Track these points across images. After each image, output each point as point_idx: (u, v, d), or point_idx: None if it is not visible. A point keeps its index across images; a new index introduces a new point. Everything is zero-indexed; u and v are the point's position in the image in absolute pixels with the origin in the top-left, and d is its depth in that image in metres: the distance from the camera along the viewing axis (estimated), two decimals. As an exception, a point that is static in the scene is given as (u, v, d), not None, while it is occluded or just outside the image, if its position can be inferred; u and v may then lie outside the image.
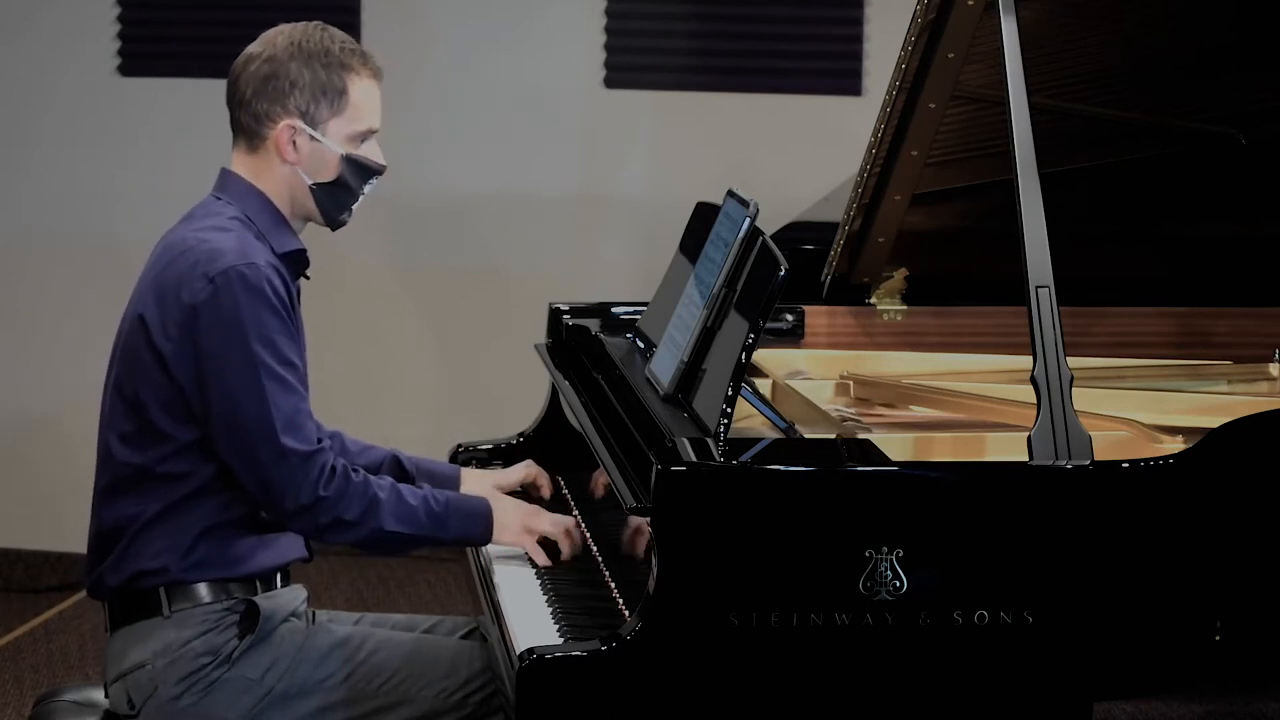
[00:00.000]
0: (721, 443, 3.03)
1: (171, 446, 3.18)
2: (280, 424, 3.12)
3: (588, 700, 2.89)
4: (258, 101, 3.23)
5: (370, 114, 3.28)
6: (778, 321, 4.00)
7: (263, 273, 3.14)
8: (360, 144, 3.28)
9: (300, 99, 3.22)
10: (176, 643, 3.18)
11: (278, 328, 3.15)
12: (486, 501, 3.32)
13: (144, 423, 3.19)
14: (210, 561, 3.20)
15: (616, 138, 5.78)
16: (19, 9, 5.79)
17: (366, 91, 3.27)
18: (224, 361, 3.12)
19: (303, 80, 3.22)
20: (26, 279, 5.88)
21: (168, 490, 3.18)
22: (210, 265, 3.14)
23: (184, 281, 3.15)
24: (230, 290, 3.12)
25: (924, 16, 3.58)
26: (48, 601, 5.60)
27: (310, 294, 5.65)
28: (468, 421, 5.33)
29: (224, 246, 3.16)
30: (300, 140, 3.23)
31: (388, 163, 3.35)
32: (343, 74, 3.24)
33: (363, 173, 3.29)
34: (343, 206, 3.30)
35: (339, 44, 3.26)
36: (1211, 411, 3.47)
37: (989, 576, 2.96)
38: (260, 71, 3.22)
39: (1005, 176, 3.24)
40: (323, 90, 3.23)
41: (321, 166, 3.26)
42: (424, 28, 5.76)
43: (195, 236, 3.20)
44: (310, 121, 3.23)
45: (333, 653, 3.25)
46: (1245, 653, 3.08)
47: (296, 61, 3.22)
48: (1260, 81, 3.91)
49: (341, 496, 3.16)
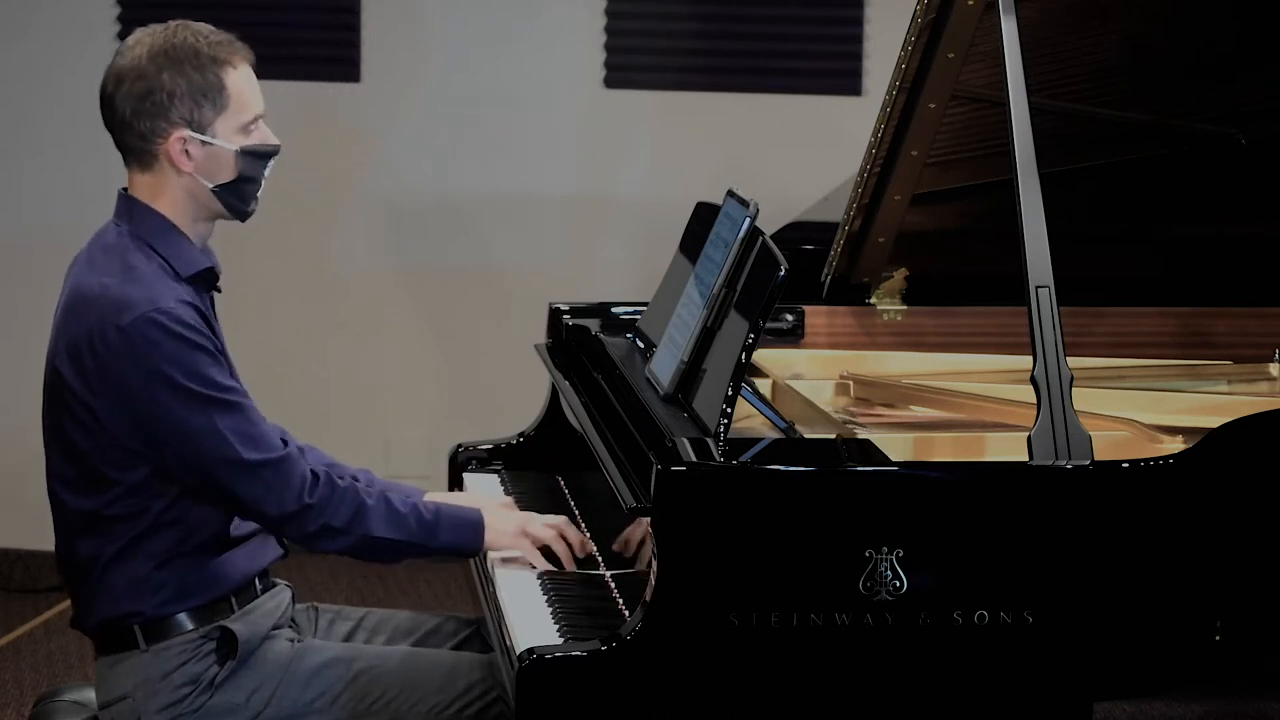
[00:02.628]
0: (721, 443, 3.03)
1: (118, 490, 3.12)
2: (240, 444, 3.07)
3: (588, 700, 2.89)
4: (139, 121, 3.12)
5: (253, 100, 3.17)
6: (778, 321, 4.00)
7: (173, 313, 3.06)
8: (250, 132, 3.17)
9: (182, 108, 3.11)
10: (156, 675, 3.14)
11: (204, 360, 3.07)
12: (478, 510, 3.29)
13: (85, 469, 3.13)
14: (180, 593, 3.15)
15: (616, 138, 5.78)
16: (19, 9, 5.79)
17: (243, 79, 3.16)
18: (163, 409, 3.05)
19: (179, 88, 3.11)
20: (26, 279, 5.88)
21: (123, 529, 3.13)
22: (119, 316, 3.06)
23: (95, 335, 3.07)
24: (145, 337, 3.04)
25: (924, 16, 3.58)
26: (48, 601, 5.59)
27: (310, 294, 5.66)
28: (468, 422, 5.33)
29: (129, 295, 3.07)
30: (192, 148, 3.13)
31: (388, 161, 3.33)
32: (217, 70, 3.13)
33: (261, 159, 3.19)
34: (248, 198, 3.20)
35: (204, 40, 3.14)
36: (1211, 411, 3.46)
37: (989, 576, 2.96)
38: (134, 90, 3.11)
39: (1005, 176, 3.24)
40: (202, 92, 3.12)
41: (219, 168, 3.16)
42: (424, 28, 5.75)
43: (100, 284, 3.11)
44: (198, 128, 3.12)
45: (322, 672, 3.21)
46: (1245, 653, 3.08)
47: (168, 72, 3.11)
48: (1260, 81, 3.91)
49: (328, 503, 3.13)
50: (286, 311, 5.77)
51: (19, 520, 5.86)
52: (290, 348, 5.79)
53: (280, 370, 5.69)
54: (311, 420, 5.51)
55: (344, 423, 5.80)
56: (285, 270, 5.71)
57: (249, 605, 3.22)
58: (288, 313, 5.78)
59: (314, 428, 3.54)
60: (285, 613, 3.31)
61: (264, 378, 4.90)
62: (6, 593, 5.74)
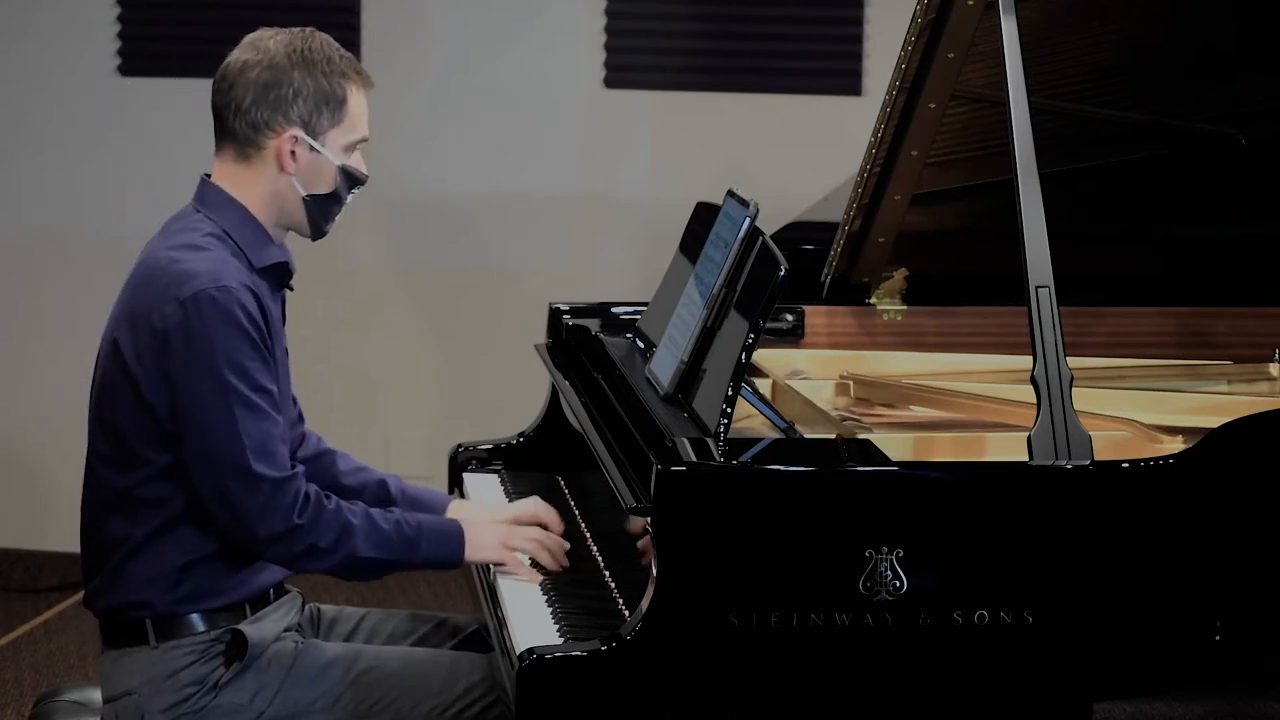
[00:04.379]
0: (721, 443, 3.03)
1: (150, 470, 3.12)
2: (251, 451, 3.06)
3: (588, 700, 2.89)
4: (257, 110, 3.15)
5: (363, 124, 3.23)
6: (778, 321, 4.00)
7: (234, 295, 3.08)
8: (351, 154, 3.22)
9: (303, 108, 3.15)
10: (163, 674, 3.15)
11: (249, 353, 3.09)
12: (458, 523, 3.27)
13: (122, 446, 3.14)
14: (197, 594, 3.15)
15: (616, 138, 5.78)
16: (19, 9, 5.79)
17: (362, 101, 3.22)
18: (194, 388, 3.06)
19: (306, 89, 3.15)
20: (27, 279, 5.88)
21: (150, 515, 3.13)
22: (180, 289, 3.07)
23: (154, 306, 3.09)
24: (200, 314, 3.05)
25: (924, 16, 3.58)
26: (48, 601, 5.60)
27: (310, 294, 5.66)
28: (468, 422, 5.33)
29: (196, 268, 3.09)
30: (300, 151, 3.16)
31: (388, 161, 3.34)
32: (343, 83, 3.18)
33: (352, 183, 3.23)
34: (330, 217, 3.25)
35: (338, 52, 3.21)
36: (1211, 411, 3.47)
37: (989, 576, 2.96)
38: (260, 79, 3.15)
39: (1005, 176, 3.25)
40: (325, 100, 3.16)
41: (318, 178, 3.19)
42: (424, 28, 5.76)
43: (168, 256, 3.13)
44: (311, 132, 3.17)
45: (323, 673, 3.21)
46: (1245, 653, 3.08)
47: (300, 70, 3.15)
48: (1260, 81, 3.91)
49: (316, 524, 3.11)
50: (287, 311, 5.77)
51: (19, 520, 5.87)
52: (290, 347, 5.79)
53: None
54: (312, 420, 5.49)
55: (344, 422, 5.79)
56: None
57: (262, 611, 3.22)
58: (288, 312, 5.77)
59: (315, 427, 3.53)
60: (295, 619, 3.32)
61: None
62: (6, 593, 5.74)
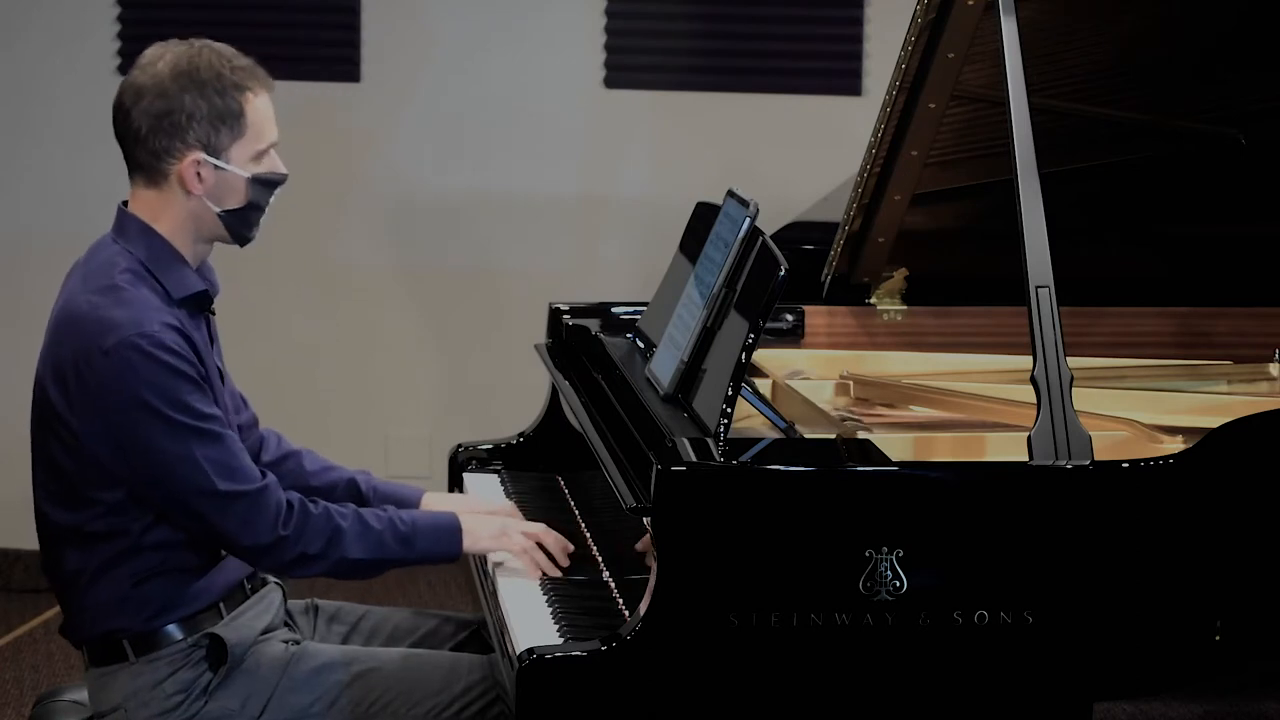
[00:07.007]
0: (721, 443, 3.03)
1: (100, 509, 3.10)
2: (216, 475, 3.05)
3: (588, 700, 2.89)
4: (155, 138, 3.10)
5: (269, 129, 3.16)
6: (778, 321, 4.00)
7: (158, 338, 3.04)
8: (262, 160, 3.16)
9: (200, 131, 3.10)
10: (146, 685, 3.14)
11: (186, 388, 3.05)
12: (454, 515, 3.27)
13: (67, 486, 3.12)
14: (166, 606, 3.13)
15: (616, 138, 5.78)
16: (19, 9, 5.79)
17: (262, 107, 3.15)
18: (141, 434, 3.04)
19: (199, 111, 3.09)
20: (26, 279, 5.88)
21: (104, 547, 3.12)
22: (104, 339, 3.04)
23: (80, 357, 3.06)
24: (128, 363, 3.02)
25: (924, 16, 3.58)
26: (48, 601, 5.59)
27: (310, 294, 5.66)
28: (467, 421, 5.33)
29: (115, 318, 3.06)
30: (205, 171, 3.11)
31: (388, 161, 3.33)
32: (237, 96, 3.11)
33: (269, 187, 3.18)
34: (251, 224, 3.19)
35: (228, 64, 3.13)
36: (1211, 411, 3.47)
37: (989, 576, 2.96)
38: (153, 108, 3.10)
39: (1005, 176, 3.24)
40: (220, 117, 3.10)
41: (229, 193, 3.14)
42: (424, 28, 5.75)
43: (88, 302, 3.09)
44: (213, 151, 3.11)
45: (319, 676, 3.20)
46: (1245, 653, 3.08)
47: (189, 93, 3.09)
48: (1260, 81, 3.91)
49: (302, 532, 3.10)
50: (287, 311, 5.77)
51: (19, 520, 5.86)
52: (290, 348, 5.79)
53: (280, 370, 5.69)
54: (312, 420, 5.52)
55: (344, 422, 5.79)
56: (286, 271, 5.70)
57: (238, 609, 3.21)
58: (288, 313, 5.78)
59: (314, 428, 3.54)
60: (277, 613, 3.30)
61: (264, 378, 4.91)
62: (6, 593, 5.74)
